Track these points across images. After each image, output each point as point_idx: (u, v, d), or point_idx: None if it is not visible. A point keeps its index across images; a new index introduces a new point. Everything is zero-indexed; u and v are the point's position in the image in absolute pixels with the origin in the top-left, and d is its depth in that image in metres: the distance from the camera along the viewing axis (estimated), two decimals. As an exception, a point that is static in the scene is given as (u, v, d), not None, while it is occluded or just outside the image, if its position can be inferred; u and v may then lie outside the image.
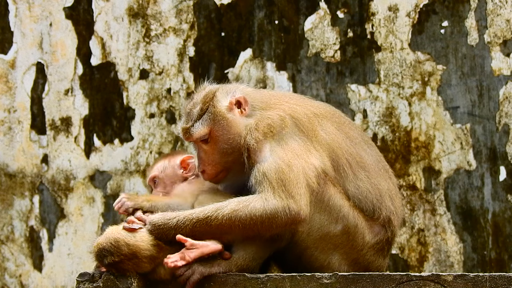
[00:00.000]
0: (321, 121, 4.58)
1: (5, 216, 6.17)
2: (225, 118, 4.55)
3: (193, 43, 6.06)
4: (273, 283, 4.35)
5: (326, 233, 4.50)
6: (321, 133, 4.54)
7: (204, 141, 4.57)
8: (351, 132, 4.67)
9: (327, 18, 5.91)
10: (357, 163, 4.59)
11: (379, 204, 4.59)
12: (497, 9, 5.70)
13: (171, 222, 4.38)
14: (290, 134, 4.49)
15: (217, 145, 4.56)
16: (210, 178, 4.59)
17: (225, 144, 4.55)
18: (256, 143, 4.46)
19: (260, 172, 4.39)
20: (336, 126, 4.62)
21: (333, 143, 4.55)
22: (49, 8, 6.22)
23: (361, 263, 4.60)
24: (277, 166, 4.38)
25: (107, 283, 4.36)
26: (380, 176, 4.64)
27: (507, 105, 5.67)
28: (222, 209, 4.36)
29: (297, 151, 4.44)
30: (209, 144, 4.56)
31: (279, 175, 4.36)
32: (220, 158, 4.56)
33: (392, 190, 4.67)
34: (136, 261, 4.32)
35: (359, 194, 4.56)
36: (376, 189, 4.59)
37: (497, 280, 4.26)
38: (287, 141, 4.47)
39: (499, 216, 5.63)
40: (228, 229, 4.35)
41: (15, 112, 6.21)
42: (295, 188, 4.35)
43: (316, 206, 4.43)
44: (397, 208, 4.67)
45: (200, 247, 4.34)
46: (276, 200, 4.33)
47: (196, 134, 4.57)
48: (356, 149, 4.62)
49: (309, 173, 4.41)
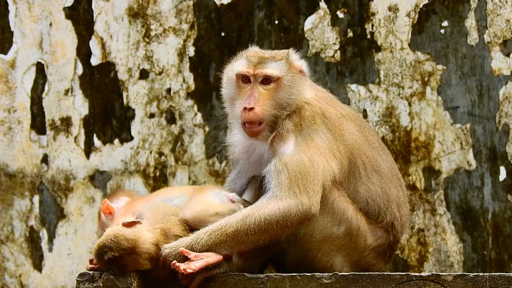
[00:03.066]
0: (346, 123, 4.67)
1: (5, 216, 6.16)
2: (295, 75, 4.61)
3: (193, 43, 6.06)
4: (273, 283, 4.35)
5: (329, 234, 4.52)
6: (346, 134, 4.62)
7: (267, 82, 4.56)
8: (370, 137, 4.77)
9: (327, 18, 5.91)
10: (372, 166, 4.67)
11: (385, 208, 4.65)
12: (497, 9, 5.70)
13: (185, 241, 4.40)
14: (317, 131, 4.55)
15: (276, 93, 4.55)
16: (254, 118, 4.52)
17: (284, 97, 4.56)
18: (284, 132, 4.50)
19: (282, 162, 4.43)
20: (358, 129, 4.72)
21: (354, 144, 4.63)
22: (49, 8, 6.22)
23: (362, 265, 4.62)
24: (300, 159, 4.43)
25: (107, 283, 4.36)
26: (391, 182, 4.71)
27: (507, 105, 5.66)
28: (236, 216, 4.39)
29: (321, 149, 4.50)
30: (270, 88, 4.56)
31: (299, 168, 4.40)
32: (271, 107, 4.54)
33: (400, 197, 4.73)
34: (135, 256, 4.34)
35: (368, 197, 4.63)
36: (385, 194, 4.66)
37: (497, 280, 4.27)
38: (313, 137, 4.52)
39: (499, 216, 5.63)
40: (244, 235, 4.35)
41: (15, 112, 6.21)
42: (311, 184, 4.39)
43: (320, 208, 4.45)
44: (402, 215, 4.72)
45: (205, 257, 4.36)
46: (289, 197, 4.37)
47: (269, 69, 4.56)
48: (373, 153, 4.71)
49: (326, 174, 4.47)
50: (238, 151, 4.78)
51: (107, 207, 4.83)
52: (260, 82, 4.56)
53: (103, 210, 4.84)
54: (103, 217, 4.84)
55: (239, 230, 4.35)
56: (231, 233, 4.35)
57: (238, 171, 4.81)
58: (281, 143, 4.49)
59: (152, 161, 6.04)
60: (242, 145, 4.76)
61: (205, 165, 5.99)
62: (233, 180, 4.83)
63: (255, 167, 4.66)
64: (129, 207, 4.81)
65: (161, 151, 6.04)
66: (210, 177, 5.98)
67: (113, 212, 4.82)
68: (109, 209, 4.83)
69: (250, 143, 4.70)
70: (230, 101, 4.66)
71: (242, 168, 4.78)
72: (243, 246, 4.41)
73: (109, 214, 4.82)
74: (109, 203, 4.84)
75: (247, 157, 4.71)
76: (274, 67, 4.58)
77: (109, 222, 4.78)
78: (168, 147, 6.04)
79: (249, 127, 4.55)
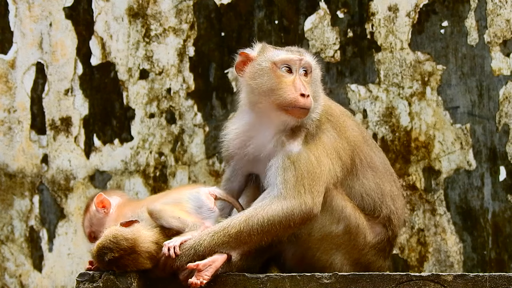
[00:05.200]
0: (347, 120, 4.72)
1: (5, 216, 6.16)
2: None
3: (193, 43, 6.06)
4: (273, 283, 4.35)
5: (328, 233, 4.53)
6: (348, 131, 4.65)
7: (306, 71, 4.58)
8: (365, 134, 4.82)
9: (327, 18, 5.91)
10: (367, 163, 4.70)
11: (380, 202, 4.66)
12: (497, 9, 5.70)
13: (188, 243, 4.37)
14: (324, 130, 4.57)
15: (312, 84, 4.58)
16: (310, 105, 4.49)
17: (316, 89, 4.61)
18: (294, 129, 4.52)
19: (290, 160, 4.43)
20: (357, 126, 4.77)
21: (356, 142, 4.67)
22: (49, 8, 6.22)
23: (362, 263, 4.62)
24: (308, 158, 4.45)
25: (107, 283, 4.36)
26: (385, 177, 4.74)
27: (507, 105, 5.66)
28: (239, 217, 4.38)
29: (328, 149, 4.53)
30: (308, 79, 4.58)
31: (307, 167, 4.42)
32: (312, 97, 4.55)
33: (394, 192, 4.75)
34: (136, 256, 4.33)
35: (363, 192, 4.64)
36: (379, 188, 4.68)
37: (497, 280, 4.27)
38: (321, 136, 4.54)
39: (499, 216, 5.63)
40: (247, 236, 4.35)
41: (15, 112, 6.21)
42: (317, 185, 4.40)
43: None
44: (398, 208, 4.72)
45: (213, 263, 4.34)
46: (293, 197, 4.37)
47: (310, 59, 4.61)
48: (368, 150, 4.75)
49: (330, 176, 4.50)
50: (233, 147, 4.70)
51: (103, 201, 4.73)
52: (300, 73, 4.56)
53: (96, 203, 4.74)
54: (93, 211, 4.74)
55: (242, 231, 4.35)
56: (233, 234, 4.35)
57: (234, 169, 4.76)
58: (291, 139, 4.50)
59: (152, 161, 6.04)
60: (240, 139, 4.68)
61: (205, 165, 5.99)
62: (230, 178, 4.79)
63: (252, 164, 4.64)
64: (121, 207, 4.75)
65: (161, 151, 6.04)
66: (210, 177, 5.98)
67: (108, 207, 4.73)
68: (104, 202, 4.73)
69: (249, 136, 4.64)
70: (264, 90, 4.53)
71: (237, 165, 4.72)
72: (245, 246, 4.41)
73: (103, 208, 4.73)
74: (105, 196, 4.75)
75: (245, 152, 4.67)
76: (311, 58, 4.64)
77: (101, 217, 4.70)
78: (168, 147, 6.04)
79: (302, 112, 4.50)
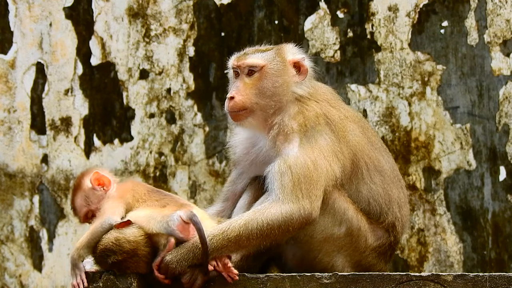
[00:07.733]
0: (349, 124, 4.68)
1: (5, 216, 6.16)
2: (284, 66, 4.64)
3: (193, 43, 6.06)
4: (273, 283, 4.35)
5: (329, 235, 4.53)
6: (349, 135, 4.62)
7: (251, 73, 4.62)
8: (373, 138, 4.78)
9: (327, 18, 5.91)
10: (374, 167, 4.68)
11: (387, 209, 4.66)
12: (497, 9, 5.70)
13: (186, 245, 4.35)
14: (321, 132, 4.56)
15: (260, 82, 4.60)
16: (234, 107, 4.58)
17: (268, 85, 4.60)
18: (289, 132, 4.51)
19: (286, 164, 4.43)
20: (361, 130, 4.73)
21: (357, 146, 4.64)
22: (49, 8, 6.22)
23: (363, 265, 4.62)
24: (304, 162, 4.44)
25: (107, 283, 4.36)
26: (393, 183, 4.73)
27: (507, 105, 5.66)
28: (238, 220, 4.38)
29: (325, 151, 4.51)
30: (253, 78, 4.61)
31: (303, 171, 4.41)
32: (254, 96, 4.59)
33: (401, 198, 4.75)
34: (137, 259, 4.32)
35: (370, 197, 4.64)
36: (387, 194, 4.68)
37: (497, 280, 4.27)
38: (317, 139, 4.53)
39: (499, 216, 5.63)
40: (246, 240, 4.35)
41: (15, 112, 6.21)
42: (314, 189, 4.40)
43: (320, 209, 4.46)
44: (403, 216, 4.74)
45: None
46: (292, 202, 4.37)
47: (250, 60, 4.62)
48: (375, 153, 4.72)
49: (328, 179, 4.48)
50: (240, 151, 4.79)
51: (101, 177, 4.48)
52: (246, 74, 4.62)
53: (92, 179, 4.48)
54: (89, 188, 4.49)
55: (241, 235, 4.35)
56: (233, 238, 4.34)
57: (240, 172, 4.80)
58: (285, 143, 4.50)
59: (152, 161, 6.04)
60: (244, 146, 4.77)
61: (205, 165, 5.99)
62: (234, 181, 4.82)
63: (258, 167, 4.66)
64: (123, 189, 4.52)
65: (161, 151, 6.04)
66: (210, 177, 5.98)
67: (108, 184, 4.49)
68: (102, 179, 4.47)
69: (251, 143, 4.71)
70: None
71: (243, 169, 4.78)
72: (244, 250, 4.41)
73: (100, 185, 4.50)
74: (103, 173, 4.51)
75: (249, 157, 4.72)
76: (257, 57, 4.64)
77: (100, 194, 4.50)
78: (168, 147, 6.04)
79: (230, 114, 4.61)
